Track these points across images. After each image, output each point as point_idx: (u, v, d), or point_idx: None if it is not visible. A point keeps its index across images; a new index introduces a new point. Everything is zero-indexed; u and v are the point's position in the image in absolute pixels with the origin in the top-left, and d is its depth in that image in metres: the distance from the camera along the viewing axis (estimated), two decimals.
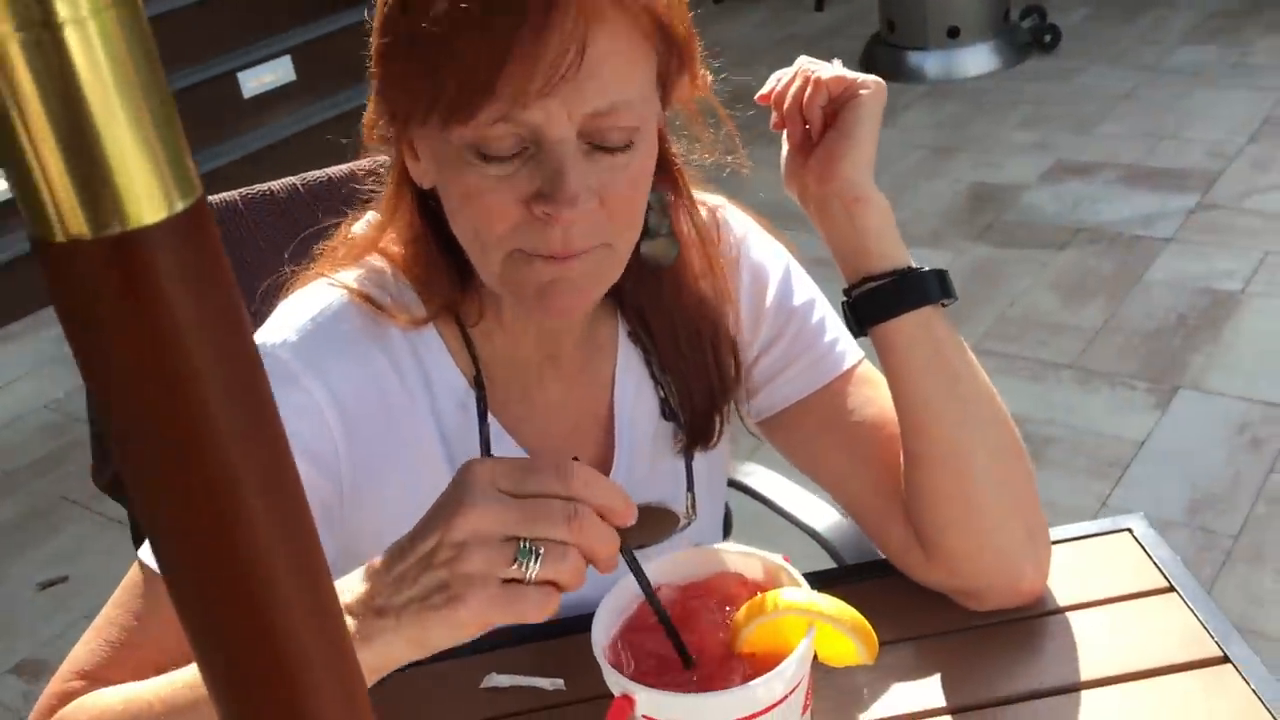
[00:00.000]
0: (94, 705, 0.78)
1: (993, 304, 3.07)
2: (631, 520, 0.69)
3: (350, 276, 0.91)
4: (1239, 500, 2.32)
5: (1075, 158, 3.84)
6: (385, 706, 0.75)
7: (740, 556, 0.80)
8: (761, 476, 1.42)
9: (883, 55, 4.71)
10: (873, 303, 0.92)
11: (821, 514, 1.32)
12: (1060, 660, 0.90)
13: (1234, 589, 2.12)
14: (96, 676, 0.81)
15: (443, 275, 0.89)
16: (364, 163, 1.25)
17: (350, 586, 0.70)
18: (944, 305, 0.92)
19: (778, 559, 0.79)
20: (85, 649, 0.83)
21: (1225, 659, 0.87)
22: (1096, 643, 0.90)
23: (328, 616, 0.32)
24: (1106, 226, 3.40)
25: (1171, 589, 0.94)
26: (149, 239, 0.27)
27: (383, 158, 0.92)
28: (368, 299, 0.89)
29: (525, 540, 0.65)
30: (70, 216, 0.26)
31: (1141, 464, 2.46)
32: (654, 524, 0.86)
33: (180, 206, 0.27)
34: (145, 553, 0.84)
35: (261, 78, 4.52)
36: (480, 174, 0.78)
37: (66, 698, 0.81)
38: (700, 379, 0.97)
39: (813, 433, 0.99)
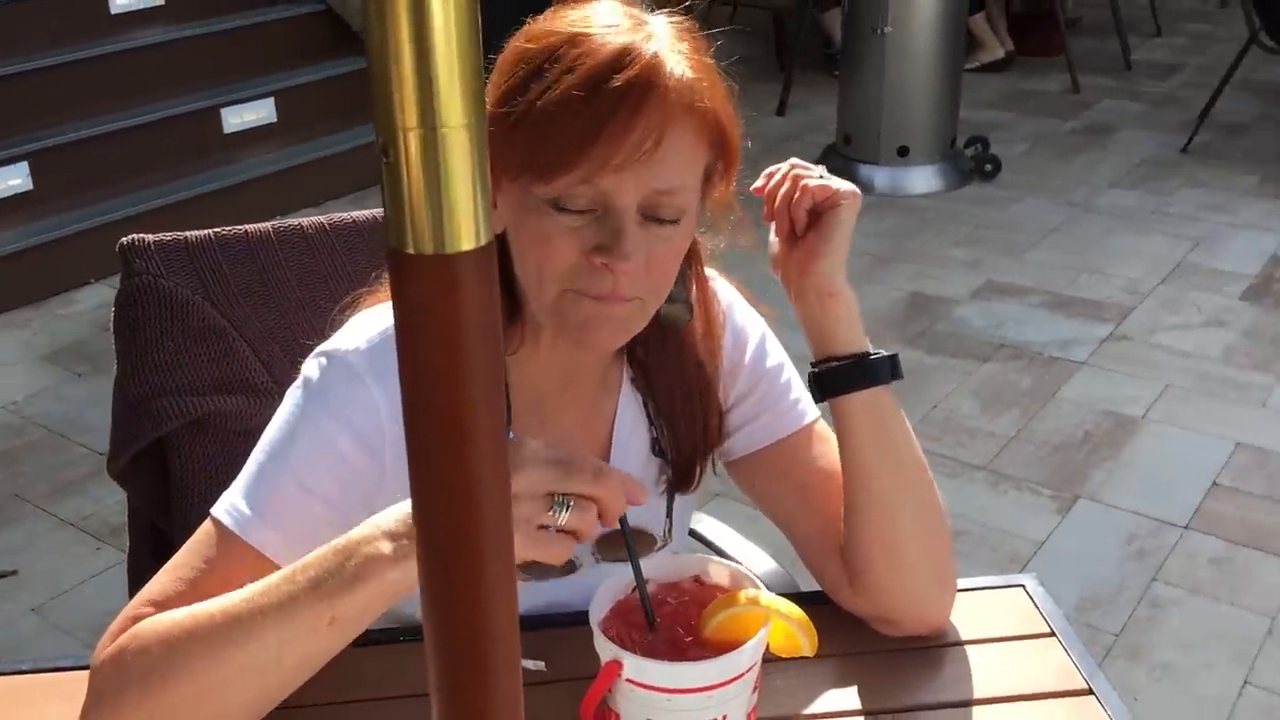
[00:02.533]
0: (163, 619, 0.94)
1: (918, 405, 3.31)
2: (638, 497, 0.89)
3: None
4: (1122, 603, 2.56)
5: (1005, 279, 4.15)
6: (375, 671, 0.90)
7: (712, 564, 0.99)
8: (710, 525, 1.61)
9: (836, 165, 5.00)
10: (833, 379, 1.11)
11: (761, 560, 1.52)
12: (956, 682, 1.09)
13: (1111, 683, 2.34)
14: (164, 605, 0.96)
15: None
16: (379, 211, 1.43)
17: (403, 515, 0.87)
18: (890, 384, 1.13)
19: (742, 568, 0.98)
20: (158, 584, 0.98)
21: (1090, 691, 1.07)
22: (986, 670, 1.10)
23: (505, 509, 0.50)
24: (1027, 345, 3.69)
25: (1052, 634, 1.14)
26: (465, 259, 0.45)
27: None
28: None
29: (559, 495, 0.85)
30: (422, 239, 0.44)
31: (1039, 561, 2.70)
32: (636, 541, 1.04)
33: (483, 241, 0.45)
34: (219, 509, 1.00)
35: (244, 115, 4.69)
36: (554, 222, 0.96)
37: (138, 619, 0.96)
38: (689, 428, 1.15)
39: (772, 476, 1.19)
